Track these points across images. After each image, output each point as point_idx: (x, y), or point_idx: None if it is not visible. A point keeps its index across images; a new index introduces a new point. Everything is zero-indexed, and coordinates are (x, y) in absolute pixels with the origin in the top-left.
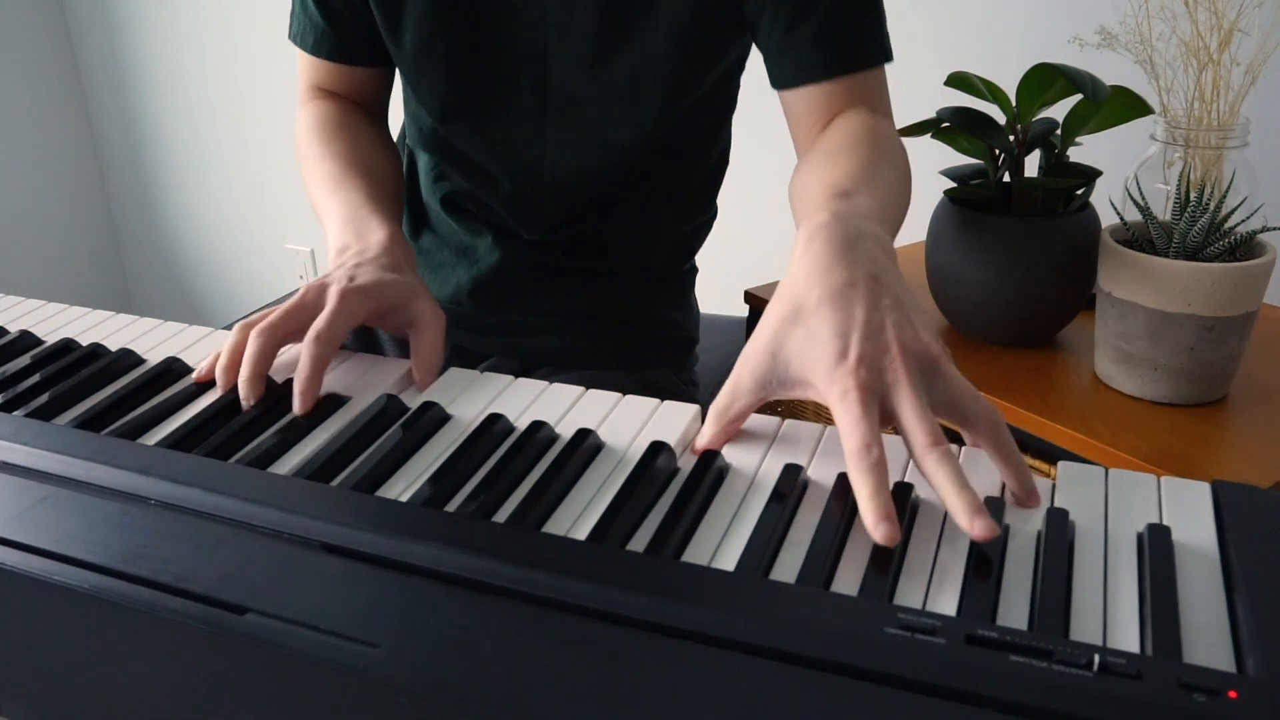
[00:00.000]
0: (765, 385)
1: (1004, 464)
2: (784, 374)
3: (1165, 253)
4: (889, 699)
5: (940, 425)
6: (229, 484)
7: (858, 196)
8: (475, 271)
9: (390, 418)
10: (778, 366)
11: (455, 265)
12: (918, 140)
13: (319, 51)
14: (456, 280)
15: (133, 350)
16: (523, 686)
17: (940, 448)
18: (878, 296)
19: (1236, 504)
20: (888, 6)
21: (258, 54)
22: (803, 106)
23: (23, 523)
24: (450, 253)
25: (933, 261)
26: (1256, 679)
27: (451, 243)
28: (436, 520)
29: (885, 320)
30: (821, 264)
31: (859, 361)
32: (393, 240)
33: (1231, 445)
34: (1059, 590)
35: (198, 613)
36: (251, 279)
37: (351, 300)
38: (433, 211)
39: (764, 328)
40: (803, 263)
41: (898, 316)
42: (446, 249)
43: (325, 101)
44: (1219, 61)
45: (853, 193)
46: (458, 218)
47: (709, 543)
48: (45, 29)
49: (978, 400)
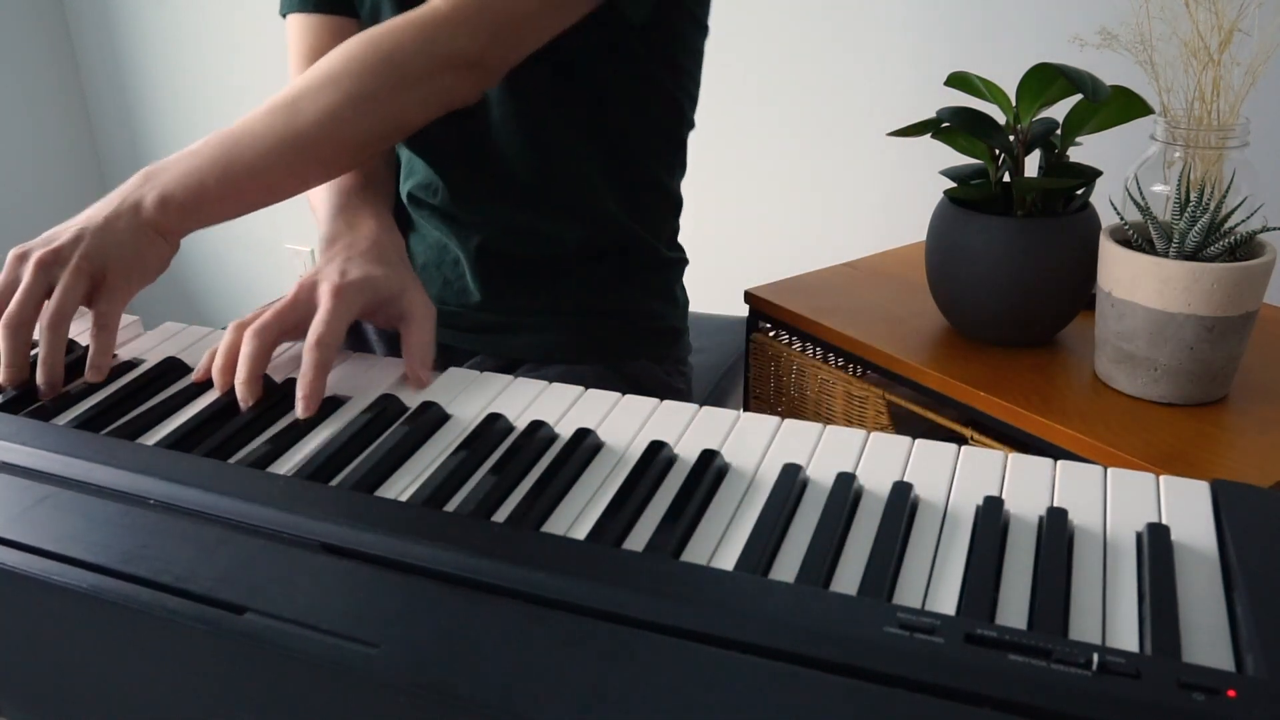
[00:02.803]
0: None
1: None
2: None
3: (1165, 253)
4: (888, 698)
5: (943, 423)
6: (229, 484)
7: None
8: (456, 270)
9: (389, 417)
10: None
11: (439, 265)
12: (918, 140)
13: (306, 4)
14: (443, 278)
15: (133, 350)
16: (522, 686)
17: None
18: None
19: (1236, 504)
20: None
21: (258, 54)
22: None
23: (23, 523)
24: (433, 252)
25: (933, 261)
26: (1255, 678)
27: (430, 241)
28: (436, 520)
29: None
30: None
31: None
32: (382, 229)
33: (1231, 445)
34: (1058, 589)
35: (197, 613)
36: (251, 279)
37: (345, 296)
38: (407, 209)
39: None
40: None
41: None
42: (428, 249)
43: None
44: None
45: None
46: (419, 211)
47: (708, 542)
48: (45, 29)
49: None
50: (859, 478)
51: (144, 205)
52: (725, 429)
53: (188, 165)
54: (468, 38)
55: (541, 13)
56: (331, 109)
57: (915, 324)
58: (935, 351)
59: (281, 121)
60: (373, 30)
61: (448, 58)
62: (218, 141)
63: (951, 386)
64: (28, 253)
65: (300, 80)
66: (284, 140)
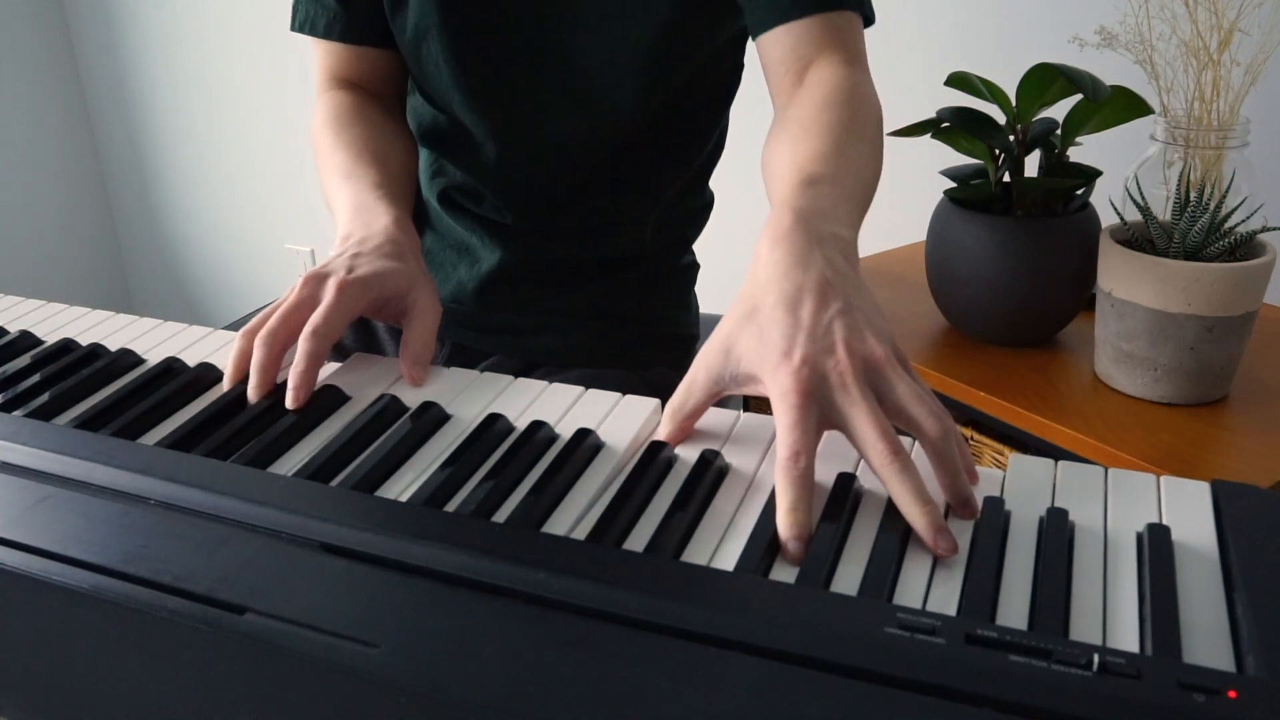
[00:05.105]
0: (719, 380)
1: (939, 472)
2: (735, 370)
3: (1165, 253)
4: (889, 699)
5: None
6: (229, 484)
7: (823, 186)
8: (476, 271)
9: (390, 418)
10: (729, 363)
11: (456, 265)
12: (918, 140)
13: (331, 34)
14: (458, 279)
15: (133, 350)
16: (522, 686)
17: (899, 460)
18: (828, 300)
19: (1236, 504)
20: (889, 7)
21: (257, 54)
22: (776, 52)
23: (23, 523)
24: (451, 252)
25: (933, 261)
26: (1256, 678)
27: (451, 241)
28: (436, 520)
29: (833, 323)
30: (781, 269)
31: (802, 361)
32: (396, 226)
33: (1231, 445)
34: (1059, 590)
35: (197, 613)
36: (251, 279)
37: (350, 292)
38: (432, 209)
39: (722, 327)
40: (763, 267)
41: (847, 320)
42: (447, 248)
43: (341, 92)
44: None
45: (819, 180)
46: (454, 214)
47: (709, 543)
48: (45, 29)
49: (923, 404)
50: (859, 478)
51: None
52: (725, 429)
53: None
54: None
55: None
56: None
57: (915, 324)
58: (935, 351)
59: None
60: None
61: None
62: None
63: (951, 386)
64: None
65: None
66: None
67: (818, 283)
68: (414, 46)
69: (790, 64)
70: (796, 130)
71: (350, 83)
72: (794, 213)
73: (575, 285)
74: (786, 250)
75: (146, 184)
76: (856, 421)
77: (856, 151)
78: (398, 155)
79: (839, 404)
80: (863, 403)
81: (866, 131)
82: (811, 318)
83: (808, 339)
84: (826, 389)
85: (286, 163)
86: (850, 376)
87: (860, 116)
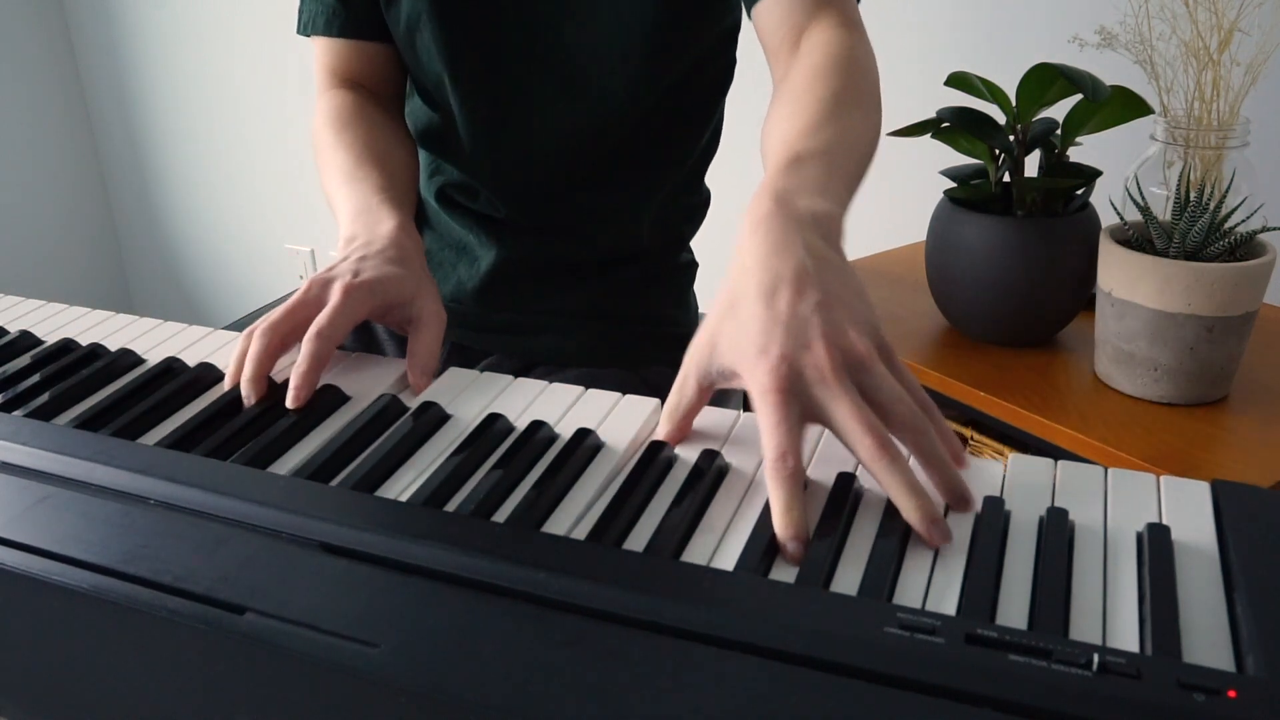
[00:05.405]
0: (707, 376)
1: (924, 467)
2: (720, 365)
3: (1165, 253)
4: (888, 699)
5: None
6: (229, 484)
7: (809, 163)
8: (475, 270)
9: (390, 418)
10: (715, 358)
11: (456, 264)
12: (918, 140)
13: (331, 30)
14: (458, 278)
15: (133, 350)
16: (522, 686)
17: (886, 453)
18: (805, 291)
19: (1236, 504)
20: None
21: (257, 54)
22: (770, 21)
23: (23, 523)
24: (450, 252)
25: (933, 261)
26: (1256, 678)
27: (450, 240)
28: (436, 520)
29: (811, 316)
30: (758, 257)
31: (780, 358)
32: (401, 231)
33: (1231, 445)
34: (1058, 590)
35: (197, 613)
36: (251, 279)
37: (355, 296)
38: (431, 209)
39: (707, 321)
40: (744, 254)
41: (825, 312)
42: (446, 248)
43: (341, 92)
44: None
45: (806, 156)
46: (451, 212)
47: (708, 543)
48: (45, 29)
49: (903, 402)
50: (859, 478)
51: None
52: (725, 429)
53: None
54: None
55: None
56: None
57: (915, 324)
58: (935, 351)
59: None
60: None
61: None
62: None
63: (951, 386)
64: None
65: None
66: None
67: (795, 272)
68: (408, 37)
69: (785, 32)
70: (789, 102)
71: (351, 81)
72: (774, 195)
73: (574, 284)
74: (764, 236)
75: (146, 184)
76: (839, 416)
77: (850, 119)
78: (399, 156)
79: (819, 399)
80: (844, 396)
81: (862, 97)
82: (788, 310)
83: (784, 333)
84: (805, 384)
85: (286, 163)
86: (829, 370)
87: (854, 82)
